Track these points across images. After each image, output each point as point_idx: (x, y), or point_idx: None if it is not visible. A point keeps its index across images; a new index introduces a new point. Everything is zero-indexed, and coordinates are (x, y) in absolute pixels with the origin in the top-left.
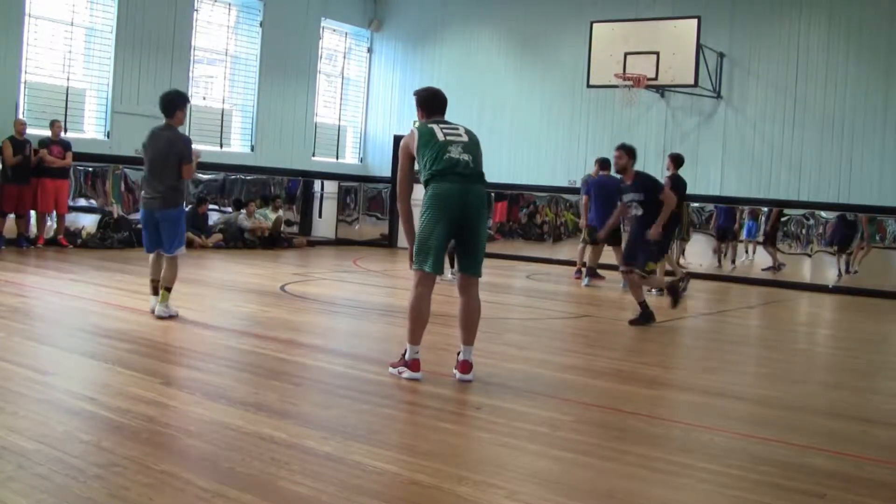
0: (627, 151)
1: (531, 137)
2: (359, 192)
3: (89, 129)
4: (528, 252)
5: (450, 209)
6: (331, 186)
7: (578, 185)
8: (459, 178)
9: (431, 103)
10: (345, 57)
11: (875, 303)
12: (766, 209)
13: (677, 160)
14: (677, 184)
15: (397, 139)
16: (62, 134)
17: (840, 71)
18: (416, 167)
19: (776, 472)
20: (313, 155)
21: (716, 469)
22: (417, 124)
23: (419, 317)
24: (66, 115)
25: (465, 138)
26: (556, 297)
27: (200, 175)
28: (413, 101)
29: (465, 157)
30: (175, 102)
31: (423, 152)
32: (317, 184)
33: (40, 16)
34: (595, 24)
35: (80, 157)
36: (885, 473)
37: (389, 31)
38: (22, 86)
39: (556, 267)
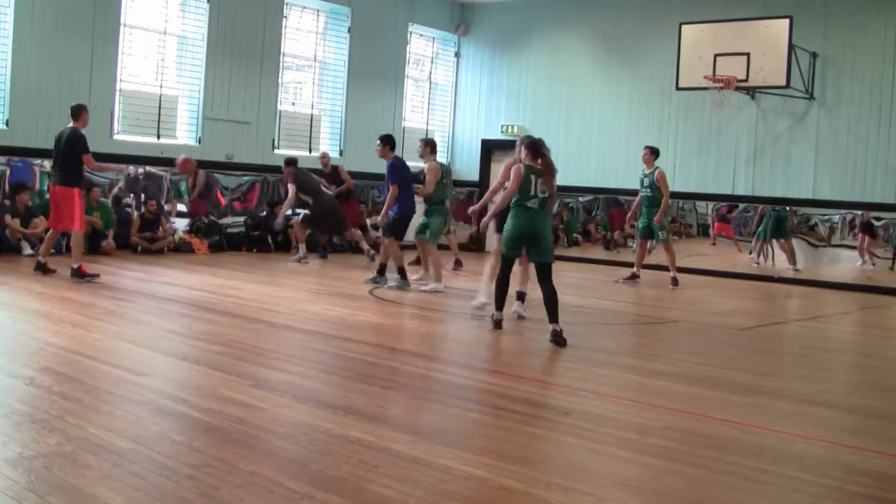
0: None
1: (619, 141)
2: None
3: (181, 136)
4: (616, 256)
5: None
6: None
7: None
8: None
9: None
10: (432, 62)
11: None
12: (860, 213)
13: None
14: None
15: (484, 143)
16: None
17: None
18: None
19: (873, 484)
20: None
21: (810, 479)
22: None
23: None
24: (158, 122)
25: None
26: (645, 302)
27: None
28: (499, 103)
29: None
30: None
31: None
32: None
33: (135, 25)
34: (684, 26)
35: (170, 162)
36: None
37: (476, 36)
38: (117, 94)
39: (646, 272)
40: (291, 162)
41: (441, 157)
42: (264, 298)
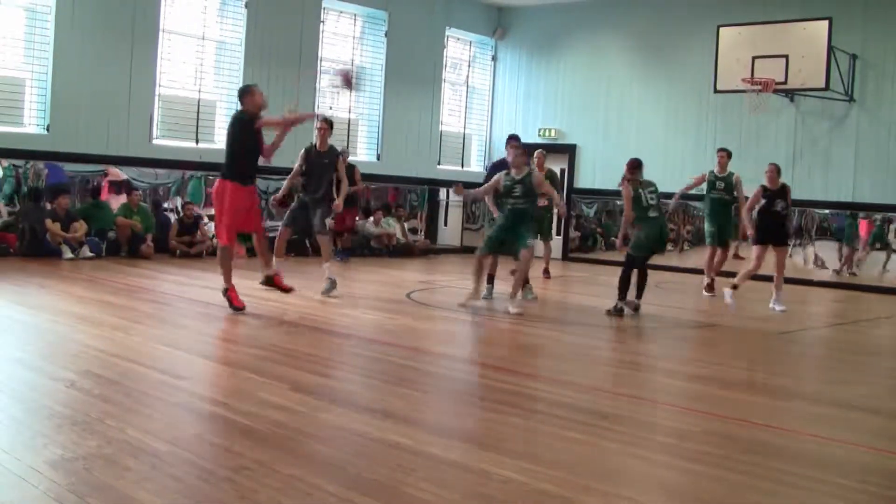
0: None
1: (657, 144)
2: (484, 200)
3: (220, 140)
4: (658, 261)
5: None
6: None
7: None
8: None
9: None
10: (469, 65)
11: None
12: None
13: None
14: None
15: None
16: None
17: None
18: None
19: None
20: (439, 163)
21: (851, 485)
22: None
23: None
24: (197, 126)
25: None
26: (684, 307)
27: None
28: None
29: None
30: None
31: None
32: (442, 192)
33: (173, 30)
34: (722, 28)
35: (207, 167)
36: None
37: (513, 40)
38: (156, 98)
39: (684, 276)
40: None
41: (477, 160)
42: (300, 301)
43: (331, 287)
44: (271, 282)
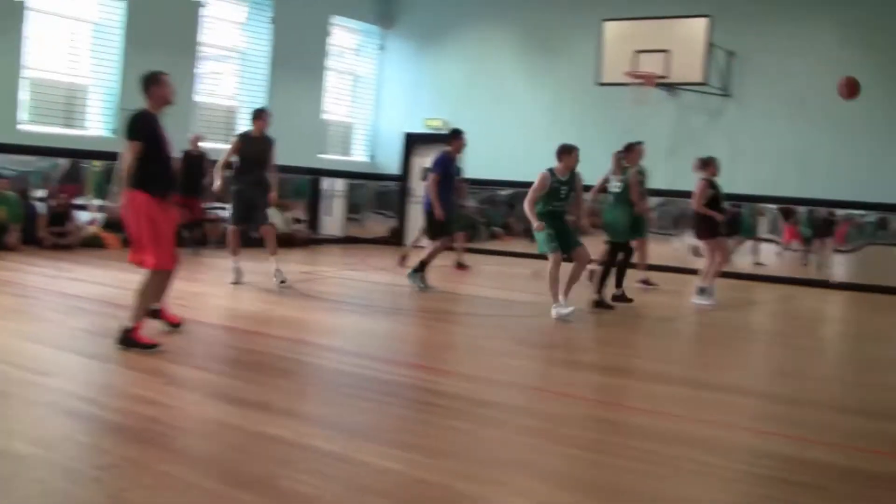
0: None
1: (540, 135)
2: (367, 189)
3: (94, 127)
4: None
5: None
6: (339, 184)
7: None
8: None
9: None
10: (355, 54)
11: (877, 298)
12: (773, 206)
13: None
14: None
15: (407, 137)
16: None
17: (849, 69)
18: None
19: (780, 467)
20: (322, 152)
21: (720, 463)
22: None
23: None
24: (69, 112)
25: None
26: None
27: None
28: (422, 97)
29: None
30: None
31: None
32: (325, 181)
33: (43, 9)
34: (606, 22)
35: (88, 154)
36: (883, 464)
37: (401, 29)
38: (23, 81)
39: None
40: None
41: (362, 150)
42: (177, 294)
43: (281, 277)
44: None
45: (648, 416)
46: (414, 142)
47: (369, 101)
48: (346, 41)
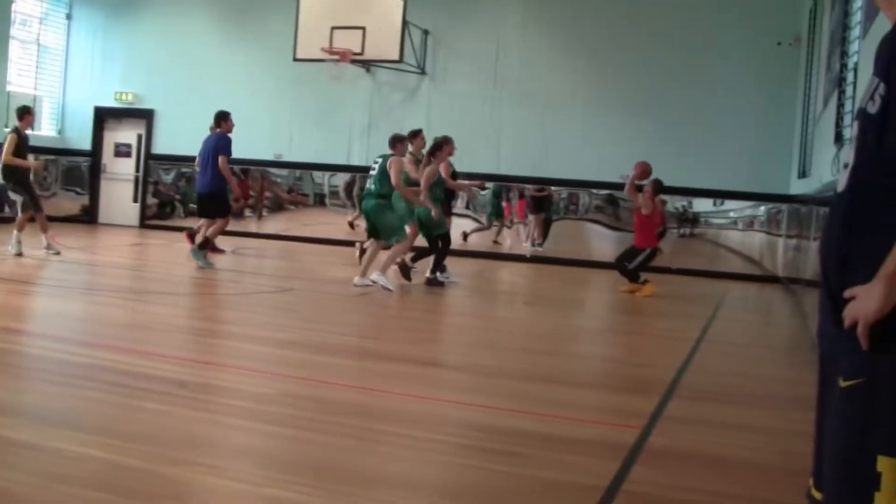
0: None
1: (238, 110)
2: (57, 165)
3: None
4: (233, 227)
5: None
6: None
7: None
8: None
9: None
10: (41, 23)
11: (567, 271)
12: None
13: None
14: None
15: (98, 111)
16: None
17: (536, 50)
18: None
19: (481, 436)
20: (6, 126)
21: (424, 436)
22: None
23: None
24: None
25: None
26: (261, 272)
27: None
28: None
29: None
30: None
31: None
32: None
33: None
34: None
35: None
36: (574, 429)
37: None
38: None
39: (262, 242)
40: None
41: (50, 123)
42: None
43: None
44: None
45: (357, 392)
46: (105, 116)
47: (57, 72)
48: (31, 9)
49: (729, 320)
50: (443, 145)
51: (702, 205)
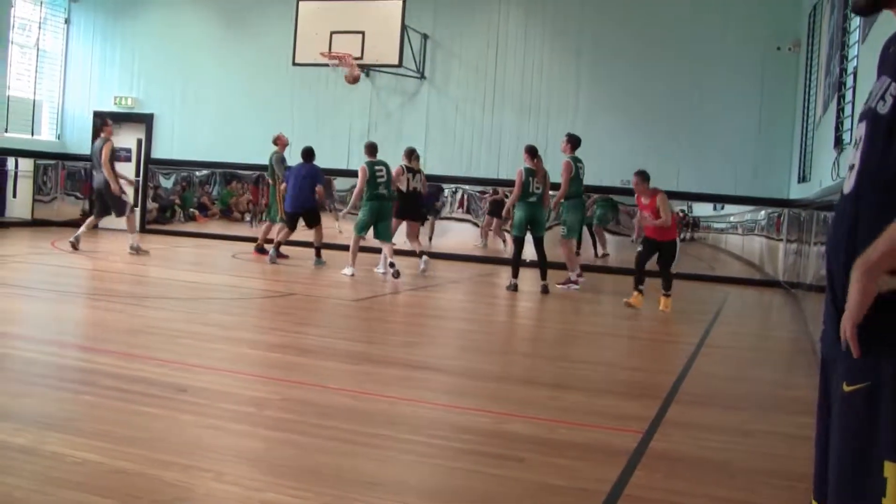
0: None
1: (236, 115)
2: (56, 170)
3: None
4: (234, 231)
5: None
6: (26, 164)
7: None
8: None
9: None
10: (40, 27)
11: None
12: (467, 187)
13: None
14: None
15: (97, 115)
16: None
17: (535, 56)
18: None
19: (478, 440)
20: (6, 131)
21: (420, 440)
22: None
23: None
24: None
25: None
26: (261, 276)
27: None
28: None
29: None
30: None
31: None
32: (10, 161)
33: None
34: (301, 2)
35: None
36: (573, 434)
37: (88, 2)
38: None
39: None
40: None
41: (49, 128)
42: None
43: None
44: None
45: (350, 396)
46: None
47: (57, 77)
48: (30, 13)
49: (730, 325)
50: None
51: (702, 209)
